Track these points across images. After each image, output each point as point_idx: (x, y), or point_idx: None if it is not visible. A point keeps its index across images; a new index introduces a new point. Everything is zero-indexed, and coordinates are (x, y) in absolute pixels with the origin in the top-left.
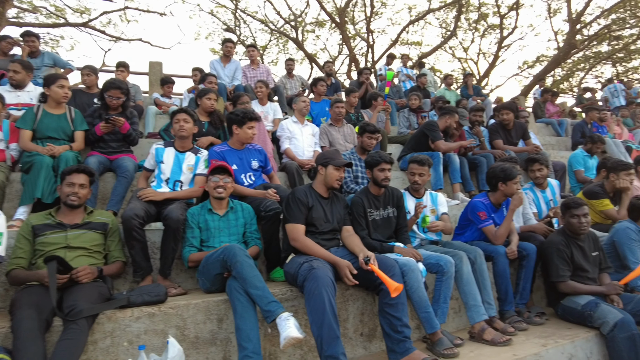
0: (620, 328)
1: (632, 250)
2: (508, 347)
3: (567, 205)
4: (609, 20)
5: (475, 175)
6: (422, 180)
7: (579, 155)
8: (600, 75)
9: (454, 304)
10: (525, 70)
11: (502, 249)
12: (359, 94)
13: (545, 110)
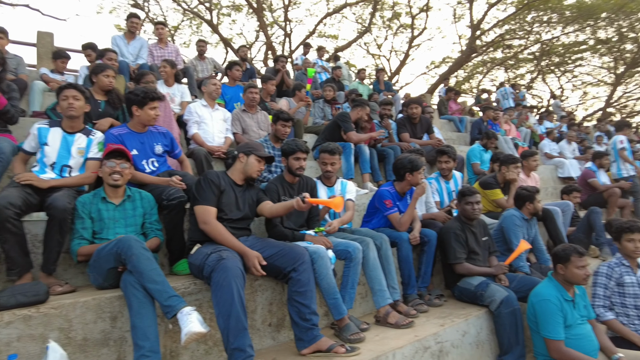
0: (505, 304)
1: (516, 234)
2: (410, 329)
3: (463, 193)
4: (503, 30)
5: (383, 166)
6: (334, 169)
7: (476, 149)
8: (495, 79)
9: (361, 289)
10: (432, 69)
11: (405, 235)
12: (275, 82)
13: (448, 108)
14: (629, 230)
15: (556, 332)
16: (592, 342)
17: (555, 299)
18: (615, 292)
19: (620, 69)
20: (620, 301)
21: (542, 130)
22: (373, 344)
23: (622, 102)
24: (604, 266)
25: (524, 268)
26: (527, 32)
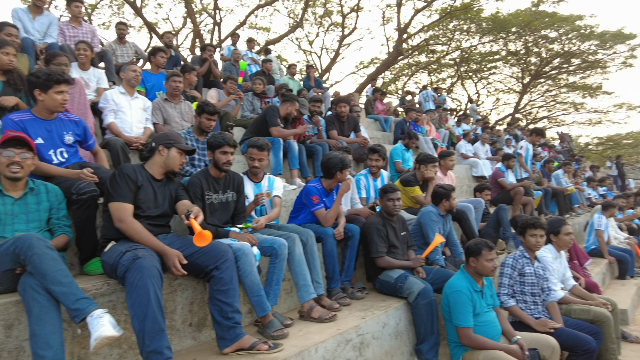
0: (422, 296)
1: (433, 229)
2: (333, 323)
3: (385, 190)
4: (428, 35)
5: (312, 162)
6: (261, 164)
7: (399, 148)
8: (419, 82)
9: (286, 285)
10: (361, 69)
11: (330, 231)
12: (201, 71)
13: (374, 108)
14: (532, 226)
15: (466, 320)
16: (496, 327)
17: (466, 290)
18: (517, 282)
19: (526, 79)
20: (521, 289)
21: (459, 132)
22: (296, 340)
23: (528, 109)
24: (510, 258)
25: (440, 261)
26: (449, 39)
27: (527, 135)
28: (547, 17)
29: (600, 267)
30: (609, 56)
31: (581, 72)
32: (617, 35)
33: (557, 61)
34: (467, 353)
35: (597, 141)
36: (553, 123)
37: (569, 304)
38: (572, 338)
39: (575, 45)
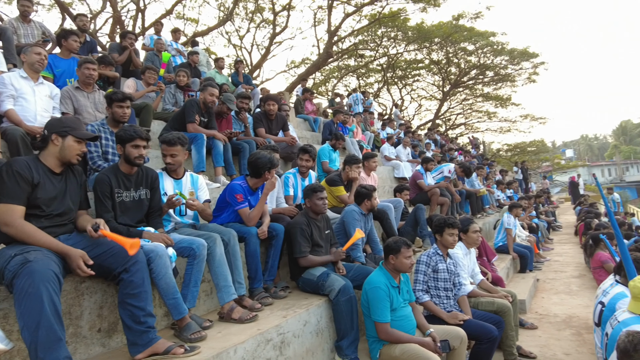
0: (343, 293)
1: (354, 227)
2: (254, 323)
3: (313, 189)
4: (357, 40)
5: (238, 160)
6: (174, 160)
7: (326, 149)
8: (348, 85)
9: (206, 286)
10: (292, 68)
11: (254, 230)
12: (120, 60)
13: (304, 108)
14: (450, 226)
15: (384, 315)
16: (412, 321)
17: (384, 286)
18: (431, 278)
19: (446, 87)
20: (434, 285)
21: (383, 135)
22: (215, 341)
23: (447, 116)
24: (424, 255)
25: (360, 258)
26: (377, 45)
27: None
28: (465, 31)
29: (505, 262)
30: (517, 71)
31: (494, 84)
32: (524, 53)
33: (474, 72)
34: (385, 347)
35: (506, 147)
36: (469, 129)
37: (477, 297)
38: (478, 328)
39: (490, 59)
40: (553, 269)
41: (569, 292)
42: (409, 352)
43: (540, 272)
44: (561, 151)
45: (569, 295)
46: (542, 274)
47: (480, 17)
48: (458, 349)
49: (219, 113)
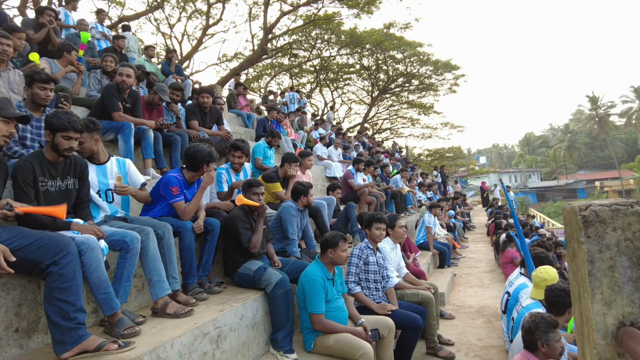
0: (279, 286)
1: (291, 223)
2: (190, 318)
3: (250, 184)
4: (292, 39)
5: (169, 152)
6: (83, 148)
7: (261, 146)
8: (281, 83)
9: (137, 281)
10: (224, 62)
11: (189, 224)
12: (36, 38)
13: (237, 103)
14: (377, 220)
15: (319, 307)
16: (344, 312)
17: (320, 279)
18: (362, 270)
19: (375, 93)
20: (365, 277)
21: (316, 136)
22: (150, 337)
23: (375, 120)
24: (357, 249)
25: (296, 253)
26: (311, 46)
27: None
28: (395, 40)
29: (426, 258)
30: (440, 81)
31: (418, 92)
32: (446, 65)
33: (401, 80)
34: (319, 338)
35: (427, 153)
36: (394, 134)
37: (403, 289)
38: (405, 318)
39: (416, 68)
40: (468, 265)
41: (481, 286)
42: (342, 341)
43: (457, 268)
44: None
45: (482, 288)
46: (459, 270)
47: (409, 28)
48: (387, 337)
49: (150, 103)
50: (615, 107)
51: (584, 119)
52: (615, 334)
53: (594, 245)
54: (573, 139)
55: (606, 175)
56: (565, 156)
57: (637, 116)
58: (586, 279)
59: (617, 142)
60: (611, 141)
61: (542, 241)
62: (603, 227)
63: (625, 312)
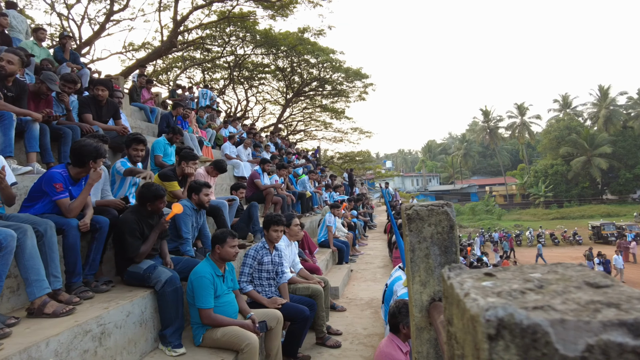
0: (169, 283)
1: (185, 222)
2: (71, 316)
3: (144, 184)
4: (205, 34)
5: (58, 147)
6: None
7: (161, 142)
8: (193, 77)
9: (12, 282)
10: (130, 51)
11: (74, 222)
12: None
13: (140, 96)
14: (275, 223)
15: (207, 302)
16: (234, 306)
17: (209, 275)
18: (256, 269)
19: (289, 94)
20: (258, 275)
21: (225, 134)
22: (22, 337)
23: (289, 121)
24: (252, 249)
25: (190, 252)
26: (225, 42)
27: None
28: (309, 45)
29: (326, 255)
30: (351, 88)
31: (331, 97)
32: (357, 73)
33: (315, 84)
34: (208, 332)
35: (338, 155)
36: (308, 136)
37: (295, 283)
38: (293, 310)
39: (329, 74)
40: (365, 261)
41: (374, 280)
42: (229, 334)
43: (355, 264)
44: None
45: (374, 282)
46: (356, 266)
47: (323, 35)
48: (275, 329)
49: (37, 93)
50: (502, 121)
51: (478, 129)
52: (428, 307)
53: (415, 237)
54: (468, 148)
55: (494, 181)
56: (462, 163)
57: (520, 130)
58: (409, 265)
59: (504, 152)
60: (499, 151)
61: None
62: (422, 223)
63: (435, 290)
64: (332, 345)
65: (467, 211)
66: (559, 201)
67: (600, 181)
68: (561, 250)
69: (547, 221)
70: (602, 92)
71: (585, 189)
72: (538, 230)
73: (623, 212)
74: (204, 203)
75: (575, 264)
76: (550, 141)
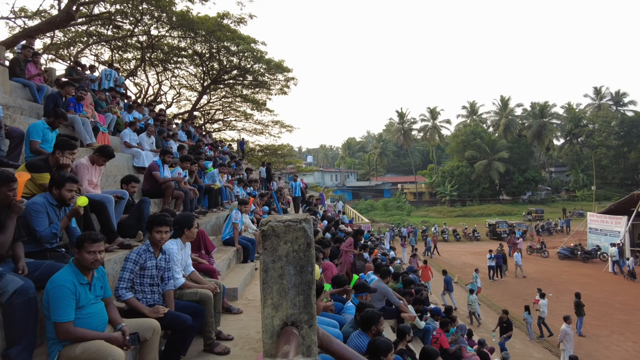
0: (19, 294)
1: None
2: None
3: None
4: (113, 9)
5: None
6: None
7: (40, 126)
8: (100, 55)
9: None
10: (20, 17)
11: None
12: None
13: (25, 70)
14: (158, 223)
15: (66, 314)
16: (102, 317)
17: (69, 284)
18: (138, 275)
19: (207, 81)
20: (140, 281)
21: (129, 119)
22: None
23: (207, 109)
24: (134, 253)
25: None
26: (137, 20)
27: (200, 134)
28: (229, 32)
29: (228, 254)
30: (272, 80)
31: (252, 87)
32: (279, 66)
33: (235, 73)
34: (65, 348)
35: (259, 148)
36: (227, 126)
37: (183, 289)
38: (173, 319)
39: (250, 64)
40: None
41: None
42: (90, 350)
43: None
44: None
45: None
46: None
47: (244, 23)
48: (150, 340)
49: None
50: (416, 123)
51: (393, 130)
52: (279, 333)
53: (269, 256)
54: (384, 147)
55: (406, 179)
56: (377, 161)
57: (431, 133)
58: (261, 287)
59: (416, 153)
60: (412, 151)
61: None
62: (277, 240)
63: (288, 313)
64: (220, 352)
65: (380, 207)
66: (463, 200)
67: (498, 183)
68: (462, 245)
69: (452, 218)
70: (503, 102)
71: (485, 190)
72: (442, 227)
73: (515, 212)
74: (66, 200)
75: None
76: (458, 144)
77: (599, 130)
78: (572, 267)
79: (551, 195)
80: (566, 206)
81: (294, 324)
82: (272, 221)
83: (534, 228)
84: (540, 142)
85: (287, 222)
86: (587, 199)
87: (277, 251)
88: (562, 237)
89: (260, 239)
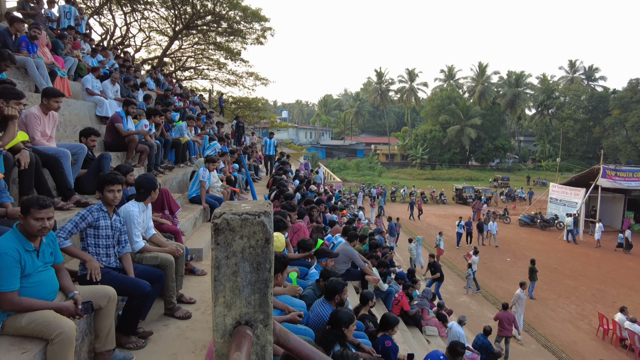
0: None
1: None
2: None
3: None
4: None
5: None
6: None
7: None
8: None
9: None
10: None
11: None
12: None
13: None
14: (109, 182)
15: (9, 284)
16: (52, 285)
17: (12, 251)
18: (91, 234)
19: (179, 26)
20: (95, 242)
21: (92, 64)
22: None
23: (178, 56)
24: (85, 210)
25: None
26: None
27: (168, 82)
28: None
29: (194, 212)
30: (248, 29)
31: (227, 35)
32: (255, 14)
33: (209, 19)
34: (10, 318)
35: (232, 100)
36: (199, 75)
37: (143, 252)
38: (130, 286)
39: (225, 10)
40: None
41: None
42: (37, 321)
43: None
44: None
45: None
46: None
47: None
48: (105, 308)
49: None
50: (394, 84)
51: (371, 90)
52: (232, 332)
53: (222, 252)
54: (361, 106)
55: (380, 140)
56: (353, 120)
57: (408, 95)
58: (212, 284)
59: (391, 114)
60: (387, 113)
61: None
62: (232, 235)
63: (242, 312)
64: (181, 316)
65: (353, 166)
66: (433, 164)
67: (468, 149)
68: (428, 208)
69: (421, 181)
70: (481, 68)
71: (455, 155)
72: (411, 189)
73: (482, 177)
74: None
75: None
76: (433, 108)
77: (569, 103)
78: (531, 234)
79: (518, 164)
80: (531, 175)
81: (248, 323)
82: (227, 214)
83: (499, 195)
84: (512, 111)
85: (243, 216)
86: (551, 169)
87: (232, 247)
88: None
89: (212, 232)
